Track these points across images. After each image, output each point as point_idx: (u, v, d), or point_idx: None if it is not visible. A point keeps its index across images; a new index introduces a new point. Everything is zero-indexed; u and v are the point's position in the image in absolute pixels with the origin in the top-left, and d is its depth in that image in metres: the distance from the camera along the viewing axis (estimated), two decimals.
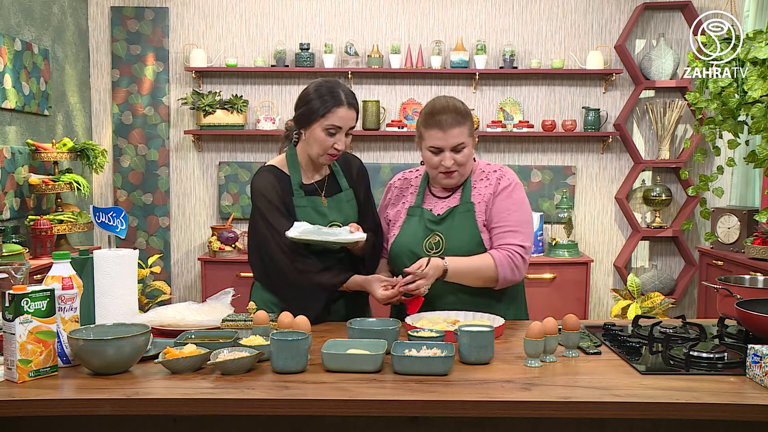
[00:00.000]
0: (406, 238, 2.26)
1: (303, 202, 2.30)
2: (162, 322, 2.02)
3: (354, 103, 2.27)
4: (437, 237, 2.21)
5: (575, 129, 4.80)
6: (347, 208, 2.36)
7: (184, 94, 4.88)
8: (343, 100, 2.24)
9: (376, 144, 4.99)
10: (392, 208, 2.38)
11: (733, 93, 3.66)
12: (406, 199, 2.35)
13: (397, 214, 2.35)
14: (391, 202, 2.40)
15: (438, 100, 2.22)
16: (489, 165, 2.32)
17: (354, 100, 2.28)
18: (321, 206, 2.32)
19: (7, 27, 3.83)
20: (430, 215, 2.25)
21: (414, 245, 2.23)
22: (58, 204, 4.17)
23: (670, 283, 4.85)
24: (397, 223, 2.33)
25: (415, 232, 2.25)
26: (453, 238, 2.19)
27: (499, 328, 1.97)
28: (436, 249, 2.21)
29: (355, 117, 2.28)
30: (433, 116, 2.17)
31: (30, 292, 1.59)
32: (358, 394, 1.51)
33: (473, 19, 4.90)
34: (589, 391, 1.54)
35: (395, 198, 2.39)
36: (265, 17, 4.90)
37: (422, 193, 2.32)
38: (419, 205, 2.29)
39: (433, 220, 2.24)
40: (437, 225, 2.23)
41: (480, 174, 2.29)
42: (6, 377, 1.60)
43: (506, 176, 2.26)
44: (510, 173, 2.28)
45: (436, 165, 2.20)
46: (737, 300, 1.92)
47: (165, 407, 1.50)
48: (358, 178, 2.43)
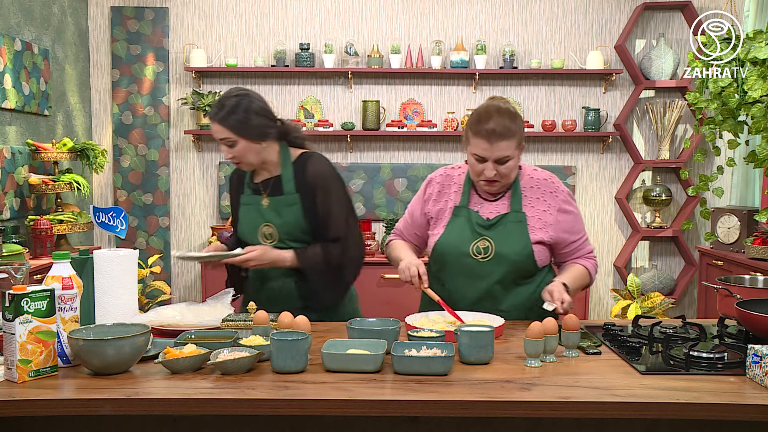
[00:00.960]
0: (452, 239, 2.22)
1: (248, 200, 2.35)
2: (162, 322, 2.02)
3: (220, 120, 2.23)
4: (486, 242, 2.18)
5: (575, 129, 4.80)
6: (287, 213, 2.31)
7: (184, 94, 4.88)
8: (212, 117, 2.26)
9: (376, 144, 4.99)
10: (434, 204, 2.31)
11: (733, 93, 3.66)
12: (450, 197, 2.30)
13: (440, 212, 2.29)
14: (432, 197, 2.33)
15: (490, 108, 2.14)
16: (536, 171, 2.28)
17: (219, 110, 2.24)
18: (261, 206, 2.34)
19: (7, 27, 3.83)
20: (478, 218, 2.21)
21: (461, 246, 2.19)
22: (58, 204, 4.17)
23: (670, 283, 4.85)
24: (440, 221, 2.28)
25: (462, 233, 2.21)
26: (503, 245, 2.17)
27: (499, 328, 1.97)
28: (484, 254, 2.17)
29: (222, 129, 2.23)
30: (481, 124, 2.11)
31: (30, 292, 1.59)
32: (358, 394, 1.51)
33: (473, 19, 4.90)
34: (589, 391, 1.54)
35: (437, 194, 2.32)
36: (265, 17, 4.90)
37: (467, 192, 2.26)
38: (465, 205, 2.24)
39: (482, 224, 2.20)
40: (487, 230, 2.19)
41: (529, 180, 2.25)
42: (6, 377, 1.60)
43: (559, 188, 2.25)
44: (559, 183, 2.27)
45: (478, 172, 2.16)
46: (737, 300, 1.92)
47: (165, 407, 1.50)
48: (314, 189, 2.32)
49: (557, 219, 2.21)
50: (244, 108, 2.23)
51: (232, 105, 2.23)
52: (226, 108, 2.23)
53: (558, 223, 2.21)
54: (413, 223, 2.37)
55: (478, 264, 2.17)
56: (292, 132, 2.38)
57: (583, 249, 2.28)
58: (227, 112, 2.23)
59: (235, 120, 2.22)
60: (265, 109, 2.29)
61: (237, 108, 2.23)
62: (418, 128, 4.81)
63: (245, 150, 2.26)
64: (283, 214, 2.31)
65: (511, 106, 2.18)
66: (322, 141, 4.95)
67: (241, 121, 2.23)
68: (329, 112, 4.95)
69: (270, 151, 2.32)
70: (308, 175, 2.32)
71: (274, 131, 2.31)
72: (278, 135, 2.34)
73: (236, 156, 2.27)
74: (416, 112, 4.91)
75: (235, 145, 2.25)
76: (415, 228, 2.37)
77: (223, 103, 2.24)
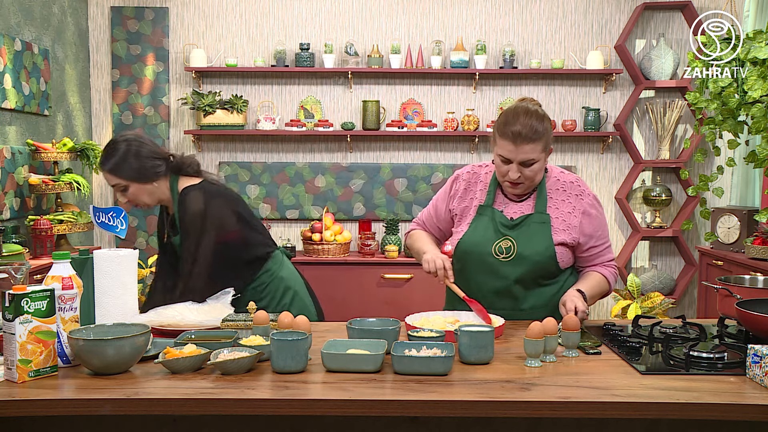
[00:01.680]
0: (476, 238, 2.22)
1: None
2: (162, 322, 2.02)
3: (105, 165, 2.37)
4: (509, 242, 2.18)
5: (575, 129, 4.80)
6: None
7: (184, 94, 4.88)
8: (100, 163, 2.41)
9: (376, 144, 4.99)
10: (460, 201, 2.32)
11: (733, 93, 3.66)
12: (475, 195, 2.30)
13: (465, 209, 2.30)
14: (458, 194, 2.33)
15: (518, 109, 2.13)
16: (563, 173, 2.27)
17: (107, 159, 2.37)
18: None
19: (7, 27, 3.83)
20: (502, 218, 2.21)
21: (484, 246, 2.20)
22: (58, 204, 4.17)
23: (670, 283, 4.85)
24: (465, 219, 2.29)
25: (485, 232, 2.21)
26: (526, 246, 2.17)
27: (499, 328, 1.97)
28: (506, 254, 2.17)
29: (111, 177, 2.37)
30: (507, 126, 2.10)
31: (30, 292, 1.58)
32: (358, 394, 1.51)
33: (473, 19, 4.90)
34: (589, 391, 1.54)
35: (463, 191, 2.32)
36: (265, 17, 4.90)
37: (493, 192, 2.26)
38: (490, 205, 2.24)
39: (505, 224, 2.20)
40: (510, 230, 2.19)
41: (555, 183, 2.25)
42: (6, 377, 1.60)
43: (586, 191, 2.24)
44: (586, 187, 2.26)
45: (503, 173, 2.16)
46: (737, 300, 1.92)
47: (165, 407, 1.50)
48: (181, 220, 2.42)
49: (581, 221, 2.21)
50: (133, 153, 2.37)
51: (121, 152, 2.36)
52: (115, 157, 2.36)
53: (581, 226, 2.21)
54: (437, 217, 2.39)
55: (499, 263, 2.18)
56: (185, 166, 2.47)
57: (604, 256, 2.27)
58: (116, 161, 2.36)
59: (124, 167, 2.36)
60: (153, 151, 2.41)
61: (126, 155, 2.37)
62: (418, 128, 4.81)
63: (138, 192, 2.39)
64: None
65: (540, 108, 2.16)
66: (322, 141, 4.95)
67: (130, 167, 2.36)
68: (329, 112, 4.95)
69: (162, 189, 2.43)
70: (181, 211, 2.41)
71: (164, 169, 2.42)
72: (171, 170, 2.44)
73: (131, 200, 2.41)
74: (416, 112, 4.91)
75: (127, 189, 2.38)
76: (439, 222, 2.39)
77: (110, 152, 2.37)
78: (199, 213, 2.37)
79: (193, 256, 2.36)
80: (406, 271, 4.44)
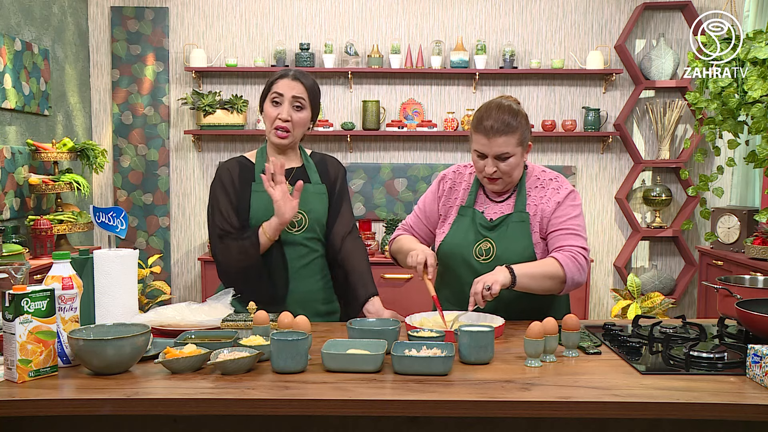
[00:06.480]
0: (457, 239, 2.22)
1: (262, 187, 2.25)
2: (162, 322, 2.02)
3: (300, 77, 2.27)
4: (488, 244, 2.17)
5: (575, 129, 4.80)
6: (314, 201, 2.33)
7: (184, 94, 4.88)
8: (288, 74, 2.28)
9: (376, 144, 4.99)
10: (445, 202, 2.32)
11: (733, 93, 3.66)
12: (458, 195, 2.30)
13: (448, 210, 2.30)
14: (444, 194, 2.33)
15: (491, 104, 2.14)
16: (544, 172, 2.26)
17: (302, 75, 2.28)
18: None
19: (7, 27, 3.83)
20: (482, 219, 2.20)
21: (464, 248, 2.19)
22: (58, 204, 4.17)
23: (670, 283, 4.85)
24: (447, 220, 2.28)
25: (465, 234, 2.21)
26: (505, 247, 2.16)
27: (499, 328, 1.97)
28: (486, 256, 2.17)
29: (300, 88, 2.26)
30: (481, 122, 2.12)
31: (30, 292, 1.58)
32: (358, 394, 1.51)
33: (473, 19, 4.90)
34: (589, 391, 1.54)
35: (448, 191, 2.32)
36: (265, 17, 4.90)
37: (474, 192, 2.26)
38: (471, 206, 2.24)
39: (485, 225, 2.19)
40: (489, 231, 2.19)
41: (535, 181, 2.24)
42: (6, 377, 1.59)
43: (564, 186, 2.21)
44: (565, 182, 2.23)
45: (480, 169, 2.16)
46: (737, 300, 1.92)
47: (165, 407, 1.50)
48: (335, 180, 2.41)
49: (552, 208, 2.18)
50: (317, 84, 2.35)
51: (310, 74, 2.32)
52: (305, 73, 2.31)
53: (551, 210, 2.18)
54: (427, 219, 2.36)
55: (480, 265, 2.17)
56: None
57: (567, 241, 2.12)
58: (306, 74, 2.29)
59: (313, 84, 2.31)
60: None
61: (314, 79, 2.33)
62: (418, 128, 4.81)
63: (303, 121, 2.29)
64: (309, 201, 2.31)
65: (513, 103, 2.16)
66: (322, 141, 4.95)
67: (316, 89, 2.32)
68: (329, 112, 4.95)
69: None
70: (329, 169, 2.42)
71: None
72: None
73: (296, 122, 2.27)
74: (416, 112, 4.91)
75: (302, 109, 2.28)
76: (429, 224, 2.36)
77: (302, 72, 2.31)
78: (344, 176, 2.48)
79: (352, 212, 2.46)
80: (406, 271, 4.43)
